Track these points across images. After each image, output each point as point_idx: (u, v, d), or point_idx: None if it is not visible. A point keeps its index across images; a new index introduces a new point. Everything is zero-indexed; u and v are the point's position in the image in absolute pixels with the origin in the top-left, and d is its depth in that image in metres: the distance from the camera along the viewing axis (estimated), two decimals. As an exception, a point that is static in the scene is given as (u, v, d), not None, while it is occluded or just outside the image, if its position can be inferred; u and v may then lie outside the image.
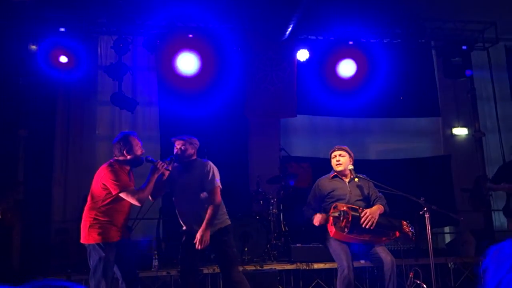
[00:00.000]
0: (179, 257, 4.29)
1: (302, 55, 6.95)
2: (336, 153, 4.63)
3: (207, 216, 4.04)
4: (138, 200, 3.77)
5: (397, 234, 4.43)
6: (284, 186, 6.18)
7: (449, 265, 5.81)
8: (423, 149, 8.18)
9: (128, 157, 3.92)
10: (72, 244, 6.17)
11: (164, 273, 5.34)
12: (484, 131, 7.98)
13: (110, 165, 3.85)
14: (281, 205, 6.09)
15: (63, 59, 6.60)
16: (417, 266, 4.89)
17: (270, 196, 6.02)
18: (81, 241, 3.83)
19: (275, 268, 5.31)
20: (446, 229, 7.88)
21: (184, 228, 4.27)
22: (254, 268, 5.31)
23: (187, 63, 6.83)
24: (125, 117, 7.27)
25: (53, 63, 6.57)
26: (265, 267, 5.34)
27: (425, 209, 4.06)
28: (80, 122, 7.15)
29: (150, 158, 4.05)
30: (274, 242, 5.82)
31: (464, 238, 6.49)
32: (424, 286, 4.39)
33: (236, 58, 7.02)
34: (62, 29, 6.75)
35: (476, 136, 7.96)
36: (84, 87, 7.23)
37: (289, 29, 6.81)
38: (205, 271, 5.30)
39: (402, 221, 4.44)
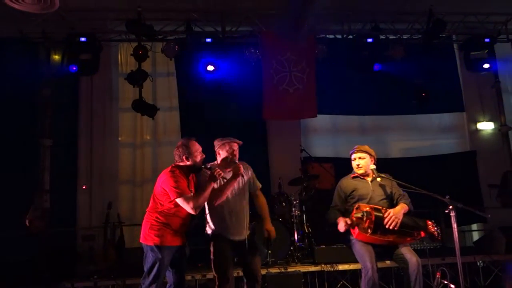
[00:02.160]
0: (223, 268, 3.98)
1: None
2: (356, 155, 4.55)
3: (267, 212, 4.37)
4: (194, 208, 3.69)
5: (422, 234, 4.33)
6: (306, 187, 6.13)
7: (478, 264, 5.67)
8: (448, 145, 8.01)
9: (188, 163, 3.88)
10: (98, 250, 6.29)
11: (189, 277, 5.36)
12: (511, 125, 7.78)
13: (171, 170, 3.81)
14: (304, 207, 6.04)
15: (84, 68, 6.75)
16: (444, 265, 4.80)
17: (292, 198, 5.98)
18: (140, 241, 3.83)
19: (299, 270, 5.26)
20: (474, 226, 7.70)
21: (230, 236, 4.08)
22: (278, 270, 5.28)
23: (206, 67, 6.88)
24: (147, 123, 7.36)
25: (73, 72, 6.72)
26: (289, 270, 5.31)
27: (450, 207, 3.96)
28: (102, 129, 7.26)
29: (209, 166, 3.98)
30: (298, 244, 5.77)
31: (493, 235, 6.33)
32: (452, 286, 4.28)
33: (255, 61, 7.02)
34: (83, 39, 6.88)
35: (502, 131, 7.78)
36: (106, 94, 7.35)
37: (306, 29, 6.82)
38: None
39: (427, 221, 4.35)
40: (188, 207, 3.70)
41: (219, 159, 4.25)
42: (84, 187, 6.94)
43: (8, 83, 6.50)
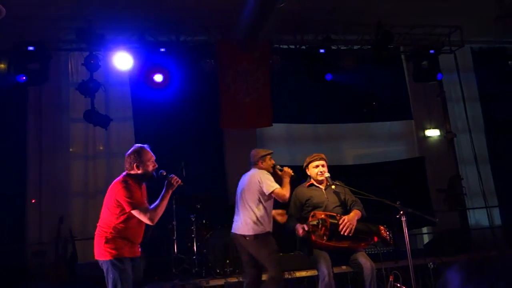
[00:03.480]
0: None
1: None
2: (319, 162, 4.65)
3: None
4: (151, 219, 3.62)
5: (376, 239, 4.49)
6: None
7: (429, 265, 5.90)
8: (398, 152, 8.32)
9: (139, 171, 3.76)
10: (50, 266, 6.04)
11: None
12: (455, 132, 8.19)
13: (124, 180, 3.68)
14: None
15: (31, 75, 6.51)
16: (397, 268, 4.96)
17: (249, 207, 6.00)
18: (96, 258, 3.66)
19: (257, 279, 5.29)
20: (424, 229, 8.00)
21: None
22: (236, 280, 5.29)
23: (160, 77, 6.82)
24: (99, 134, 7.18)
25: (22, 81, 6.47)
26: (247, 279, 5.32)
27: (401, 212, 4.13)
28: (53, 140, 7.02)
29: (165, 174, 3.84)
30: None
31: (441, 237, 6.60)
32: (404, 288, 4.44)
33: (210, 70, 7.02)
34: (31, 48, 6.65)
35: (447, 137, 8.16)
36: (56, 105, 7.12)
37: (261, 40, 6.91)
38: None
39: (380, 226, 4.51)
40: (145, 219, 3.62)
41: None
42: (33, 200, 6.68)
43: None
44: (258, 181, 4.49)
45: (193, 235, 5.71)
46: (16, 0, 5.67)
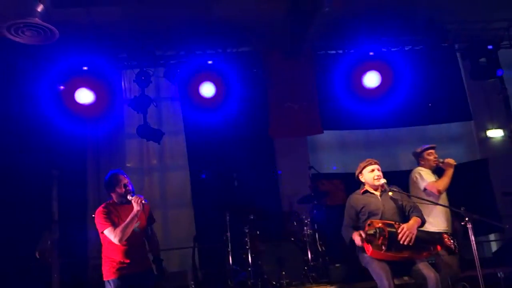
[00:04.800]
0: None
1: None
2: (374, 167, 4.49)
3: None
4: (116, 238, 3.87)
5: (439, 248, 4.24)
6: (317, 205, 6.06)
7: (499, 275, 5.51)
8: (458, 155, 7.86)
9: (113, 196, 4.15)
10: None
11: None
12: (521, 131, 7.69)
13: (102, 206, 4.13)
14: (315, 225, 5.95)
15: (90, 96, 6.77)
16: (464, 278, 4.66)
17: (304, 216, 5.90)
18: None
19: (314, 291, 5.17)
20: (491, 236, 7.53)
21: None
22: (293, 292, 5.18)
23: (209, 89, 6.88)
24: (153, 148, 7.34)
25: (79, 102, 6.74)
26: (304, 290, 5.21)
27: (466, 219, 3.87)
28: (110, 156, 7.24)
29: (130, 198, 4.04)
30: (312, 263, 5.66)
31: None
32: (474, 300, 4.16)
33: (258, 80, 7.02)
34: (85, 68, 6.94)
35: (512, 137, 7.68)
36: (111, 122, 7.34)
37: (306, 46, 6.84)
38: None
39: (443, 234, 4.26)
40: (113, 239, 3.88)
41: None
42: (93, 216, 6.89)
43: (19, 114, 6.68)
44: (413, 178, 4.88)
45: (247, 247, 5.67)
46: (72, 23, 5.96)
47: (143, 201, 3.97)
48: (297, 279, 5.48)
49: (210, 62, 6.87)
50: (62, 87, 6.88)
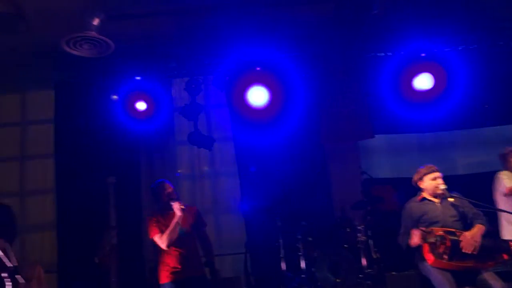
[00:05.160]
0: None
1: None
2: (437, 174, 4.37)
3: None
4: (162, 244, 4.22)
5: (505, 256, 4.06)
6: (370, 211, 5.95)
7: None
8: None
9: (160, 204, 4.50)
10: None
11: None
12: None
13: (150, 214, 4.55)
14: (369, 231, 5.85)
15: (142, 105, 6.98)
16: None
17: (357, 223, 5.82)
18: None
19: (371, 299, 5.08)
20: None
21: None
22: (347, 301, 5.12)
23: (258, 95, 6.90)
24: (204, 155, 7.44)
25: (133, 111, 6.96)
26: (360, 299, 5.14)
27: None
28: (162, 164, 7.41)
29: (172, 203, 4.35)
30: (367, 271, 5.57)
31: None
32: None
33: (306, 85, 6.99)
34: (138, 78, 7.16)
35: None
36: (162, 130, 7.52)
37: (355, 49, 6.76)
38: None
39: (510, 242, 4.08)
40: (160, 245, 4.24)
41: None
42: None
43: (78, 123, 7.05)
44: (494, 182, 4.90)
45: (300, 253, 5.65)
46: (123, 36, 6.17)
47: (182, 207, 4.15)
48: (352, 287, 5.41)
49: (258, 68, 6.89)
50: (115, 97, 7.12)
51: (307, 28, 6.71)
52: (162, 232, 4.20)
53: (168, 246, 4.17)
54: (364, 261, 5.61)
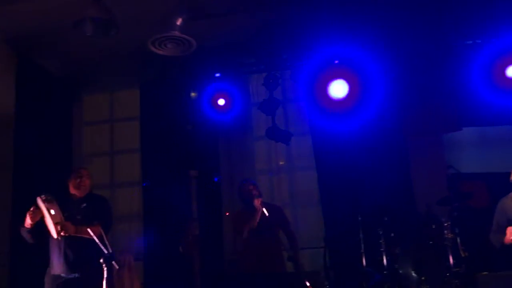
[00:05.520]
0: None
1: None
2: None
3: None
4: (241, 239, 4.55)
5: None
6: (458, 207, 5.63)
7: None
8: None
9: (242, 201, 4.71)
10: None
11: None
12: None
13: (235, 211, 4.79)
14: (457, 228, 5.54)
15: (221, 101, 7.18)
16: None
17: (443, 219, 5.54)
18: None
19: (460, 299, 4.82)
20: None
21: None
22: (435, 299, 4.89)
23: (336, 88, 6.80)
24: (281, 149, 7.49)
25: (212, 107, 7.17)
26: (447, 298, 4.89)
27: None
28: (240, 159, 7.57)
29: (254, 201, 4.49)
30: (455, 269, 5.29)
31: None
32: None
33: (387, 76, 6.77)
34: (218, 75, 7.36)
35: None
36: (240, 126, 7.68)
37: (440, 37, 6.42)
38: None
39: None
40: (239, 239, 4.51)
41: None
42: (227, 214, 7.27)
43: (162, 120, 7.41)
44: None
45: (382, 249, 5.50)
46: (204, 34, 6.36)
47: (263, 209, 4.18)
48: (438, 286, 5.16)
49: (336, 61, 6.79)
50: (194, 94, 7.38)
51: (387, 19, 6.50)
52: (242, 227, 4.25)
53: (247, 241, 4.21)
54: (451, 260, 5.33)
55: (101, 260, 3.34)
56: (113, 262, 3.40)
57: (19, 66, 6.65)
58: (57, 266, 3.74)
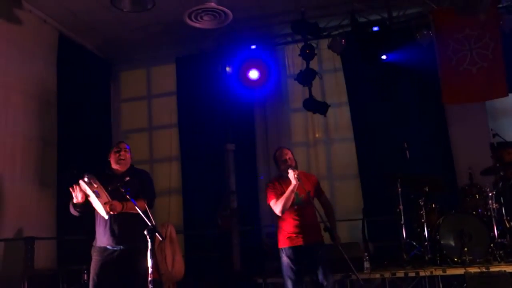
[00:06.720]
0: None
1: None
2: None
3: None
4: (277, 211, 4.22)
5: None
6: (503, 177, 5.44)
7: None
8: None
9: (278, 171, 4.49)
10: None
11: (378, 275, 5.20)
12: None
13: (270, 180, 4.54)
14: (502, 198, 5.36)
15: (255, 74, 7.13)
16: None
17: (488, 189, 5.36)
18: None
19: (505, 271, 4.68)
20: None
21: None
22: (479, 270, 4.78)
23: (374, 57, 6.65)
24: (317, 121, 7.40)
25: (247, 79, 7.15)
26: (492, 269, 4.76)
27: None
28: (276, 131, 7.52)
29: (289, 170, 4.22)
30: (499, 240, 5.15)
31: None
32: None
33: (427, 44, 6.52)
34: (253, 47, 7.30)
35: None
36: (276, 97, 7.62)
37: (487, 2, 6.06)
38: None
39: None
40: (275, 210, 4.24)
41: None
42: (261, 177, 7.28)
43: (198, 95, 7.48)
44: None
45: (423, 220, 5.40)
46: (239, 6, 6.28)
47: (297, 175, 4.13)
48: (482, 257, 5.03)
49: (375, 28, 6.58)
50: (229, 69, 7.35)
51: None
52: (277, 198, 4.22)
53: (283, 212, 4.19)
54: (495, 230, 5.18)
55: (145, 232, 3.42)
56: (157, 234, 3.49)
57: (60, 46, 6.80)
58: (103, 239, 3.86)
